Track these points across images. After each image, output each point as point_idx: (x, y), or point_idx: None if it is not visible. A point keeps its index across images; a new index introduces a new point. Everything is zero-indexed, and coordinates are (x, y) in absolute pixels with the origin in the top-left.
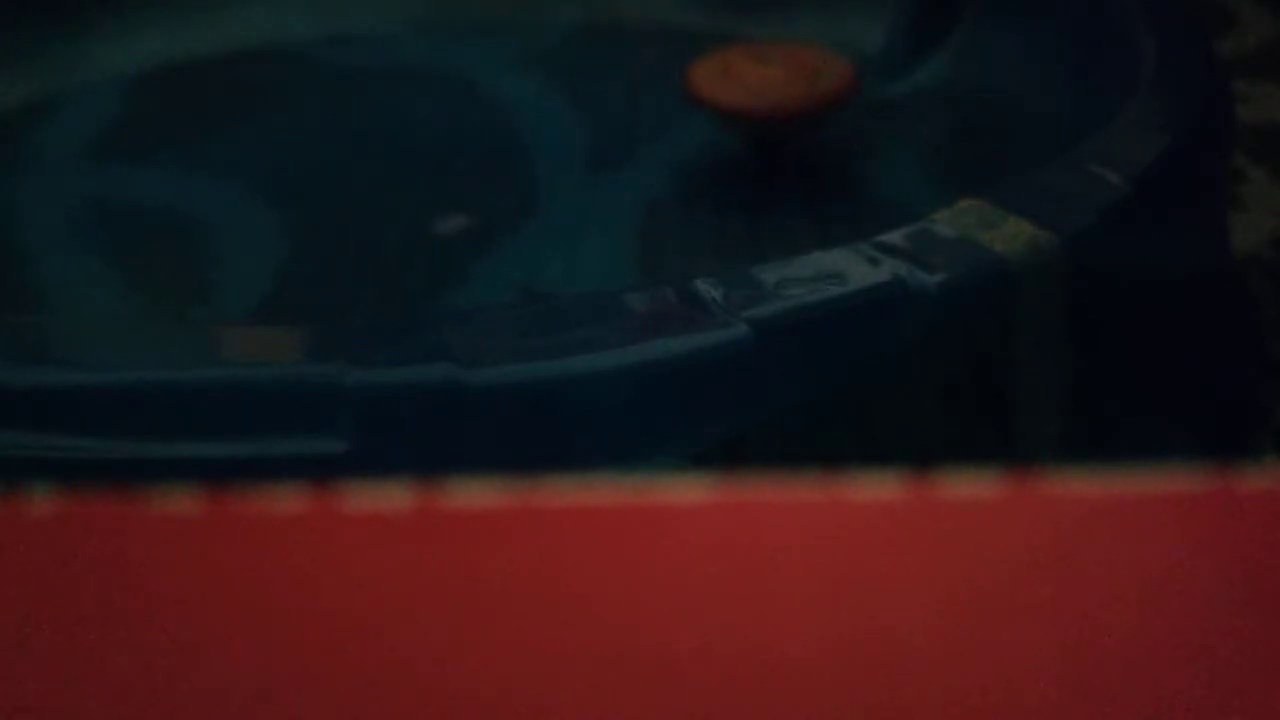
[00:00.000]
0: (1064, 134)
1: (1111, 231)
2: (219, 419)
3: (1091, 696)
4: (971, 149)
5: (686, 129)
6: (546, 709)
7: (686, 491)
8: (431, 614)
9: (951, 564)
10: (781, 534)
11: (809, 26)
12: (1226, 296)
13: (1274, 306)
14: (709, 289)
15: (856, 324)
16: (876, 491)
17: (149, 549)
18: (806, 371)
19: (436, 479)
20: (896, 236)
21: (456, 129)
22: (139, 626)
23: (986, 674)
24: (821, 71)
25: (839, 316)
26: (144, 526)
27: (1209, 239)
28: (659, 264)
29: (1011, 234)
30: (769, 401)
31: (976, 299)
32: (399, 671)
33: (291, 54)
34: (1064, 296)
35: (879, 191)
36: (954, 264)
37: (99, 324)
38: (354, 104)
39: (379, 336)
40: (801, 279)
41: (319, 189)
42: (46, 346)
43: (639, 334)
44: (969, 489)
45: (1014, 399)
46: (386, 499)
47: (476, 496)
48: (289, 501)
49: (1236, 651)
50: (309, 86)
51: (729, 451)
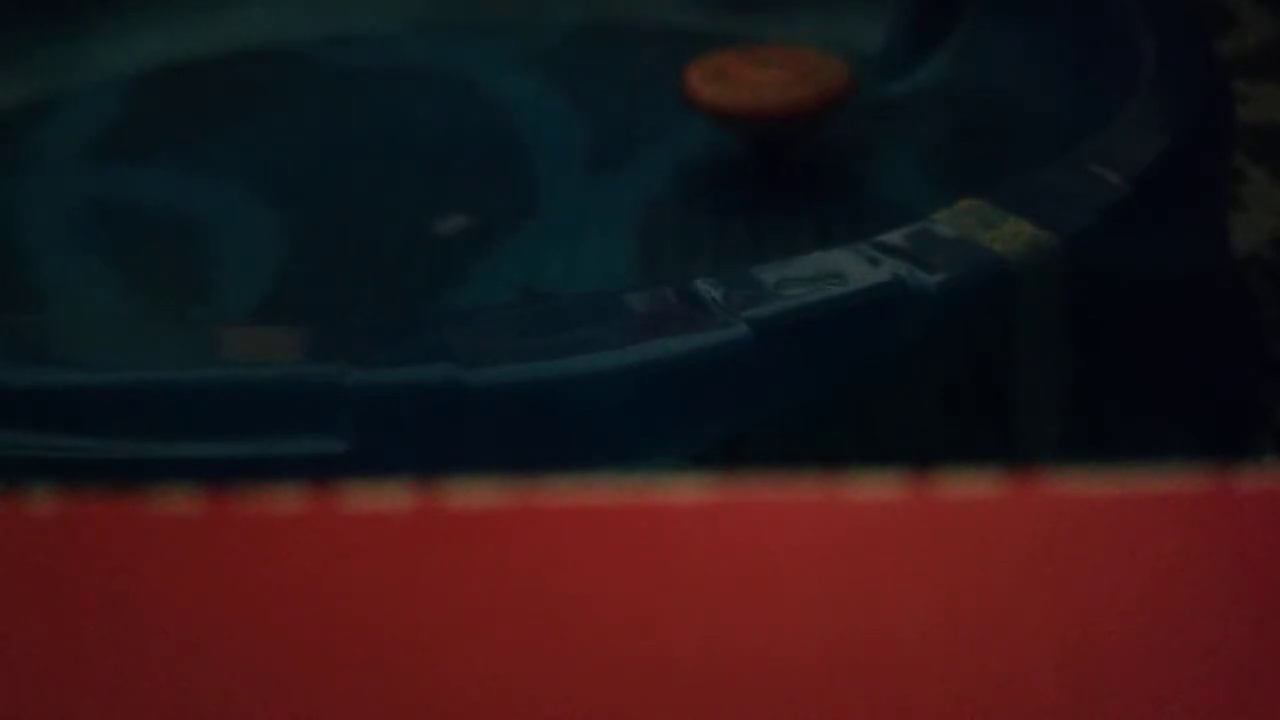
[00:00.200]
0: (1064, 134)
1: (1111, 231)
2: (219, 419)
3: (1091, 696)
4: (971, 149)
5: (686, 129)
6: (546, 709)
7: (686, 491)
8: (431, 614)
9: (951, 564)
10: (781, 534)
11: (809, 26)
12: (1226, 296)
13: (1274, 306)
14: (709, 289)
15: (856, 324)
16: (876, 491)
17: (149, 549)
18: (806, 371)
19: (436, 479)
20: (896, 236)
21: (456, 129)
22: (139, 626)
23: (986, 674)
24: (817, 73)
25: (839, 316)
26: (144, 526)
27: (1209, 239)
28: (659, 264)
29: (1011, 234)
30: (769, 401)
31: (976, 299)
32: (399, 671)
33: (291, 54)
34: (1064, 296)
35: (879, 191)
36: (954, 264)
37: (99, 324)
38: (354, 104)
39: (379, 336)
40: (801, 279)
41: (319, 189)
42: (46, 346)
43: (639, 334)
44: (969, 489)
45: (1014, 399)
46: (386, 499)
47: (476, 496)
48: (289, 501)
49: (1236, 651)
50: (309, 86)
51: (729, 451)
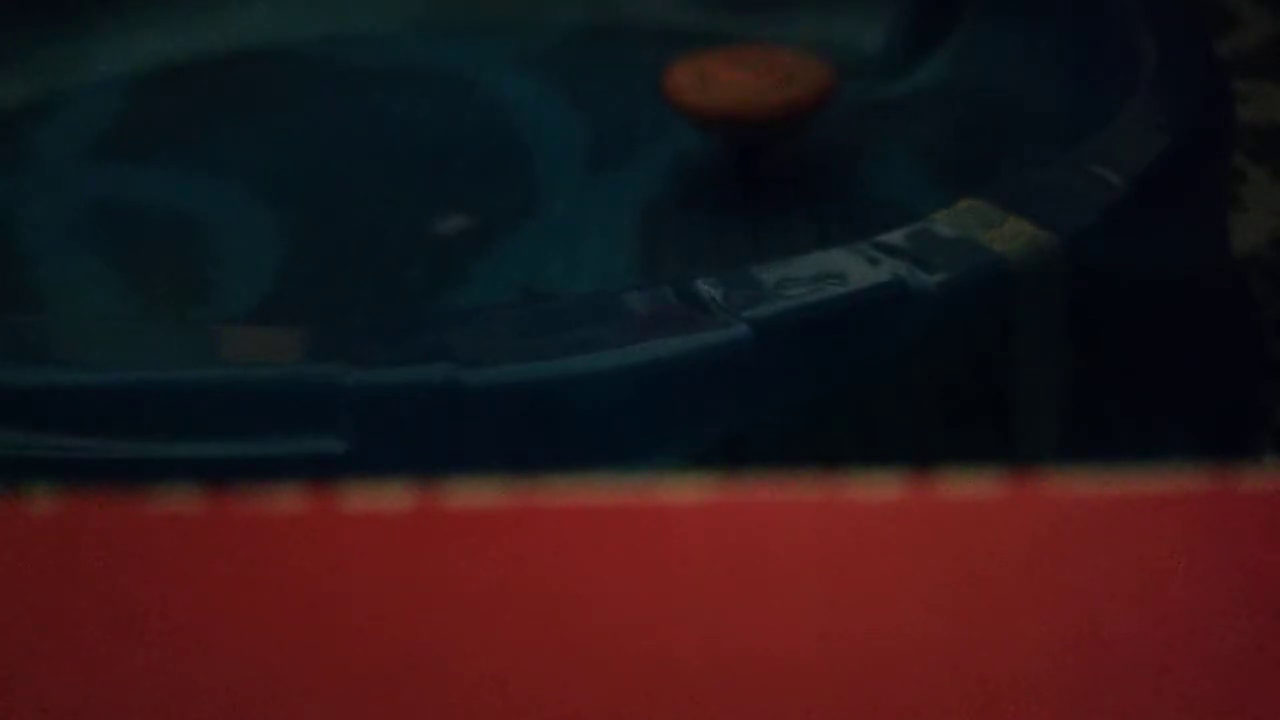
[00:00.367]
0: (1064, 134)
1: (1111, 231)
2: (219, 419)
3: (1091, 696)
4: (971, 149)
5: (686, 129)
6: (547, 709)
7: (686, 491)
8: (431, 614)
9: (951, 564)
10: (781, 534)
11: (808, 26)
12: (1226, 296)
13: (1274, 306)
14: (709, 289)
15: (856, 324)
16: (876, 491)
17: (149, 549)
18: (806, 371)
19: (436, 479)
20: (896, 236)
21: (456, 129)
22: (139, 626)
23: (987, 674)
24: (794, 75)
25: (839, 316)
26: (144, 526)
27: (1209, 239)
28: (659, 264)
29: (1011, 234)
30: (769, 401)
31: (976, 299)
32: (399, 671)
33: (291, 54)
34: (1064, 296)
35: (879, 191)
36: (954, 264)
37: (99, 324)
38: (354, 104)
39: (379, 336)
40: (801, 279)
41: (319, 189)
42: (46, 346)
43: (639, 334)
44: (969, 489)
45: (1014, 399)
46: (386, 499)
47: (476, 496)
48: (289, 501)
49: (1236, 651)
50: (309, 86)
51: (729, 451)
